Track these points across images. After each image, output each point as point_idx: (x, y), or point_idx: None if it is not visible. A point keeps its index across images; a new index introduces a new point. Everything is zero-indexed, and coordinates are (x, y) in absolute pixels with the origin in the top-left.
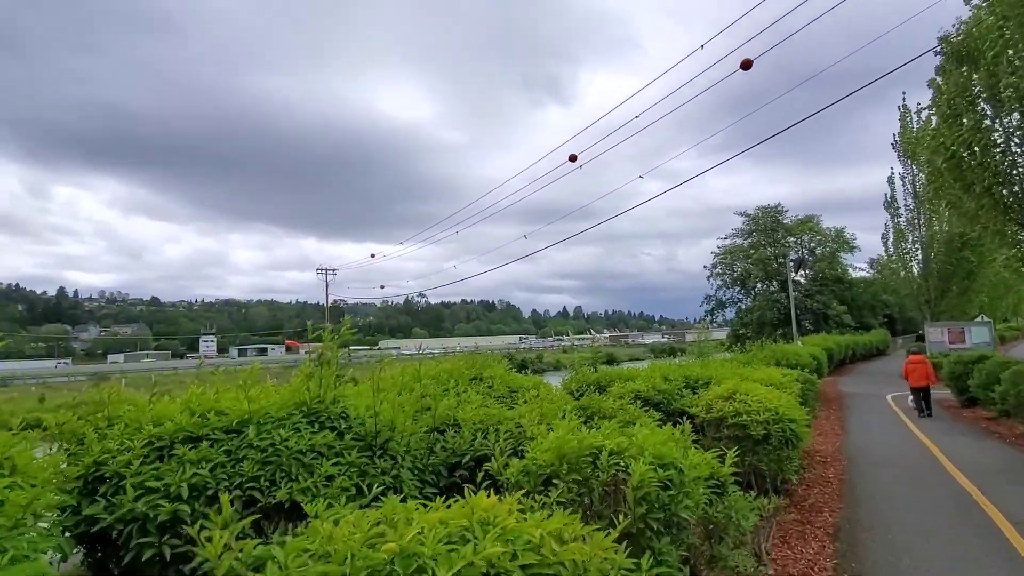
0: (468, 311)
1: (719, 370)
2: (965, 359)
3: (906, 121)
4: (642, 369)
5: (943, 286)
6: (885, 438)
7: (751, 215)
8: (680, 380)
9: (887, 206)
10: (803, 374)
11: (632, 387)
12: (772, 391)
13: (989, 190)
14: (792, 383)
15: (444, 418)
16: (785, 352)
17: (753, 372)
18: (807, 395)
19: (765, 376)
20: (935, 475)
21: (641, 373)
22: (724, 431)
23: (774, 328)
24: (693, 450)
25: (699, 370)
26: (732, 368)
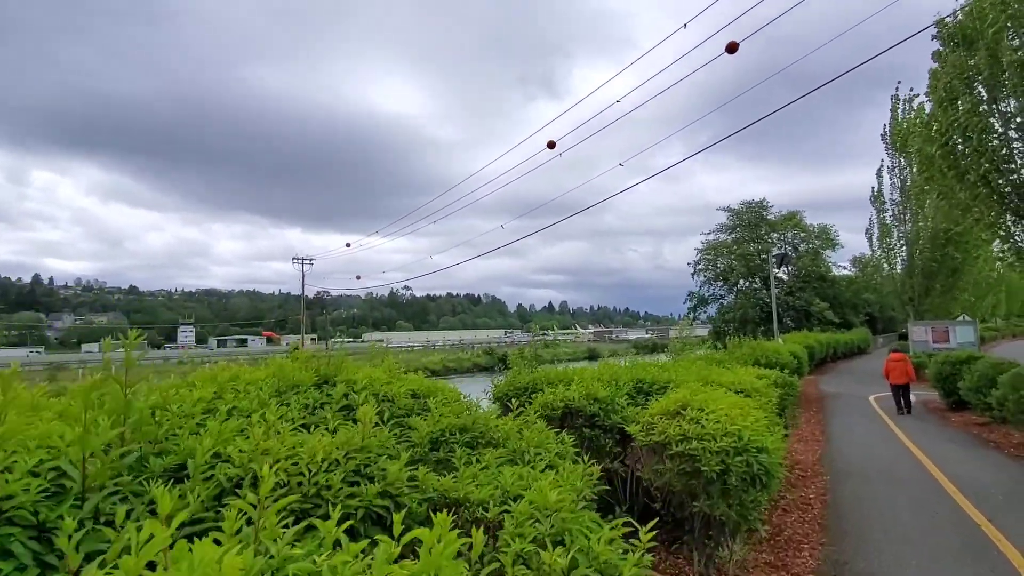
0: (453, 304)
1: (683, 371)
2: (953, 359)
3: (897, 112)
4: (588, 369)
5: (927, 284)
6: (871, 446)
7: (735, 210)
8: (629, 384)
9: (873, 200)
10: (783, 375)
11: (564, 394)
12: (740, 402)
13: (984, 178)
14: (769, 388)
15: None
16: (764, 350)
17: (722, 374)
18: (786, 401)
19: (735, 379)
20: (932, 496)
21: (585, 374)
22: (667, 463)
23: (756, 325)
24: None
25: (656, 371)
26: (699, 368)
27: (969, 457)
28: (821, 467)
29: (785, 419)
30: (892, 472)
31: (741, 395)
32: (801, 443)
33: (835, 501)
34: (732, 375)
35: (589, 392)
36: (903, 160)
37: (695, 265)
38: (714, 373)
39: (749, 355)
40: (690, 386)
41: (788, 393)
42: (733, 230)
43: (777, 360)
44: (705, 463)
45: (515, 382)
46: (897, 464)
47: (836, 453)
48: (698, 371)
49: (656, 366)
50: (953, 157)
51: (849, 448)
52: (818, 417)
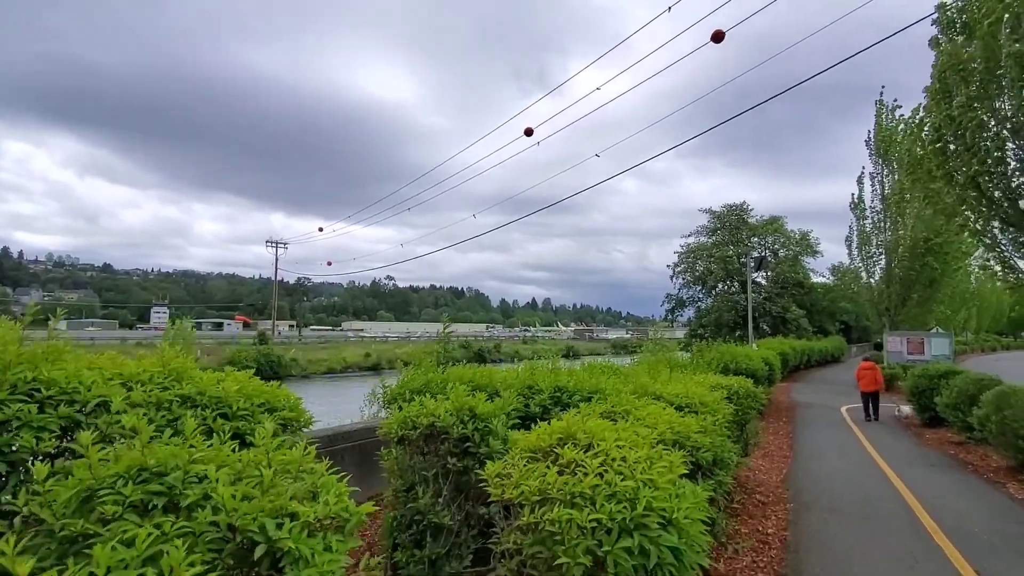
0: (436, 297)
1: (621, 379)
2: (931, 373)
3: (882, 117)
4: (502, 371)
5: (905, 294)
6: (841, 467)
7: (716, 212)
8: (547, 391)
9: (853, 207)
10: (745, 383)
11: (429, 409)
12: (675, 423)
13: (974, 180)
14: (721, 404)
15: None
16: (735, 355)
17: (667, 384)
18: (747, 416)
19: (683, 390)
20: (909, 536)
21: (496, 377)
22: (513, 536)
23: (731, 329)
24: None
25: (586, 377)
26: (642, 376)
27: (947, 484)
28: (785, 491)
29: (746, 435)
30: (864, 502)
31: (684, 412)
32: (766, 459)
33: (797, 540)
34: (680, 385)
35: (462, 406)
36: (886, 167)
37: (674, 267)
38: (659, 382)
39: (717, 360)
40: (619, 399)
41: (749, 406)
42: (714, 232)
43: (747, 367)
44: (567, 548)
45: (410, 384)
46: (869, 490)
47: (803, 473)
48: (639, 379)
49: (585, 372)
50: (943, 156)
51: (817, 467)
52: (787, 428)
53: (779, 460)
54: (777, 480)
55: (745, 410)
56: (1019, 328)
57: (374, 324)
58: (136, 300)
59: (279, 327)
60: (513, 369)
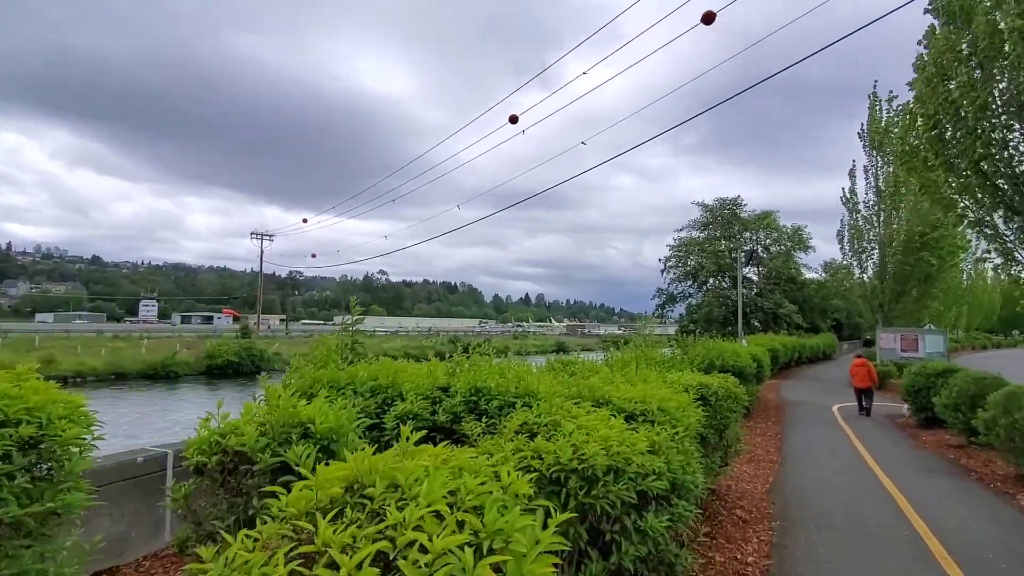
0: (429, 292)
1: (559, 380)
2: (928, 371)
3: (876, 110)
4: (419, 368)
5: (899, 289)
6: (833, 473)
7: (709, 206)
8: (462, 395)
9: (845, 202)
10: (725, 383)
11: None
12: (617, 440)
13: (977, 165)
14: (688, 410)
15: None
16: (722, 351)
17: (620, 387)
18: (725, 423)
19: (641, 393)
20: (918, 566)
21: (404, 376)
22: None
23: (722, 325)
24: None
25: (516, 378)
26: (591, 376)
27: (950, 494)
28: (770, 504)
29: (726, 441)
30: (859, 517)
31: (637, 422)
32: (751, 464)
33: (779, 568)
34: (638, 387)
35: (288, 419)
36: (880, 159)
37: (665, 261)
38: (616, 382)
39: (702, 356)
40: (551, 405)
41: (730, 409)
42: (706, 227)
43: (734, 364)
44: None
45: (303, 384)
46: (865, 503)
47: (791, 482)
48: (588, 379)
49: (500, 371)
50: (941, 143)
51: (808, 475)
52: (775, 429)
53: (765, 466)
54: (762, 490)
55: (724, 413)
56: (1009, 326)
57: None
58: (125, 293)
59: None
60: (432, 365)
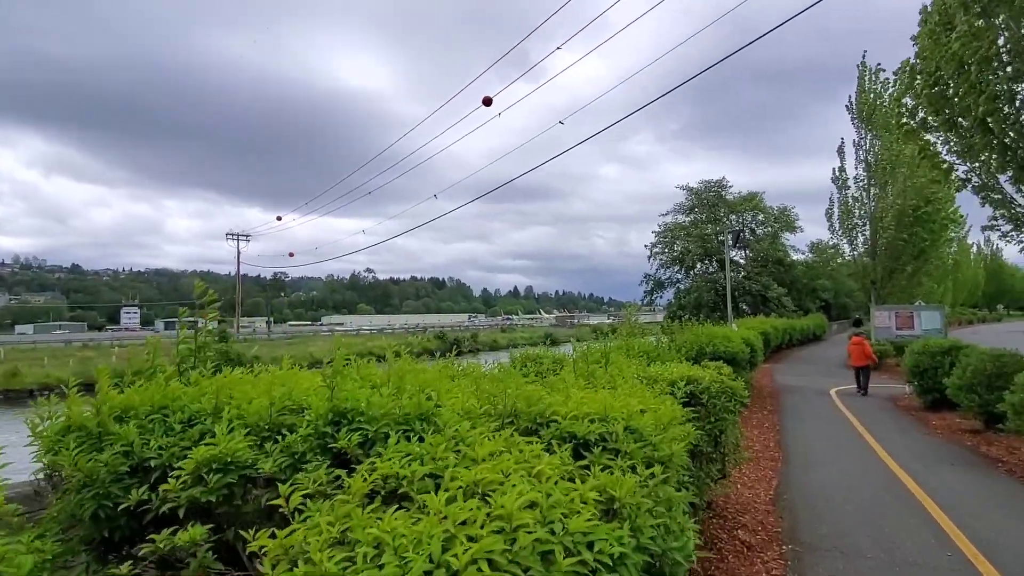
0: (417, 288)
1: (476, 388)
2: (932, 349)
3: (864, 81)
4: (300, 377)
5: (892, 265)
6: (845, 473)
7: (694, 189)
8: (314, 424)
9: (835, 179)
10: (721, 374)
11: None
12: (533, 512)
13: (983, 122)
14: (670, 431)
15: None
16: (712, 336)
17: (579, 393)
18: (722, 426)
19: (599, 407)
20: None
21: (244, 394)
22: None
23: (711, 310)
24: None
25: (434, 385)
26: (566, 373)
27: (986, 495)
28: (777, 519)
29: (723, 448)
30: (888, 536)
31: (593, 452)
32: (751, 463)
33: None
34: (599, 396)
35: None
36: (869, 133)
37: (652, 247)
38: (568, 388)
39: (691, 343)
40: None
41: (726, 409)
42: (691, 210)
43: (726, 350)
44: None
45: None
46: (890, 514)
47: (799, 487)
48: (525, 387)
49: (419, 377)
50: (944, 100)
51: (816, 476)
52: (773, 420)
53: (766, 466)
54: (766, 499)
55: (719, 415)
56: (993, 301)
57: (354, 318)
58: (106, 301)
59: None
60: (286, 374)
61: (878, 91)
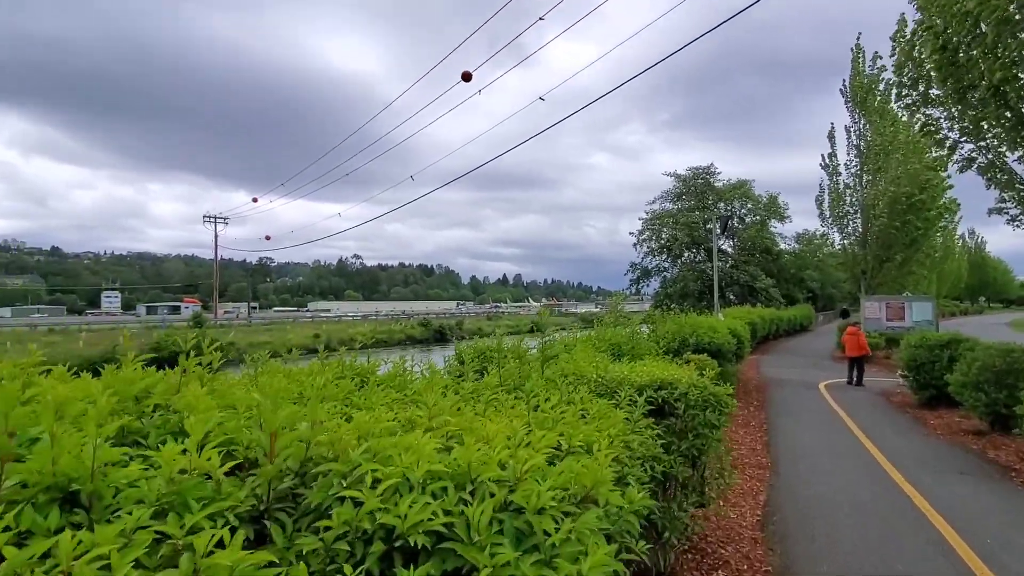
0: (406, 275)
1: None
2: (930, 342)
3: (859, 63)
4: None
5: (883, 255)
6: (844, 486)
7: (682, 176)
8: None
9: (825, 166)
10: (702, 377)
11: None
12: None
13: (997, 90)
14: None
15: None
16: (696, 326)
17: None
18: (701, 448)
19: (472, 457)
20: None
21: None
22: None
23: (697, 299)
24: None
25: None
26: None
27: (1004, 514)
28: (766, 552)
29: (700, 472)
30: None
31: None
32: (736, 471)
33: None
34: (495, 427)
35: None
36: (863, 117)
37: (639, 235)
38: (434, 423)
39: (673, 334)
40: None
41: (708, 422)
42: (679, 198)
43: (711, 341)
44: None
45: None
46: (903, 544)
47: (792, 506)
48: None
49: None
50: (952, 67)
51: (810, 490)
52: (760, 418)
53: (753, 476)
54: (752, 521)
55: (698, 429)
56: (975, 293)
57: (341, 304)
58: (86, 284)
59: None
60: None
61: (875, 76)
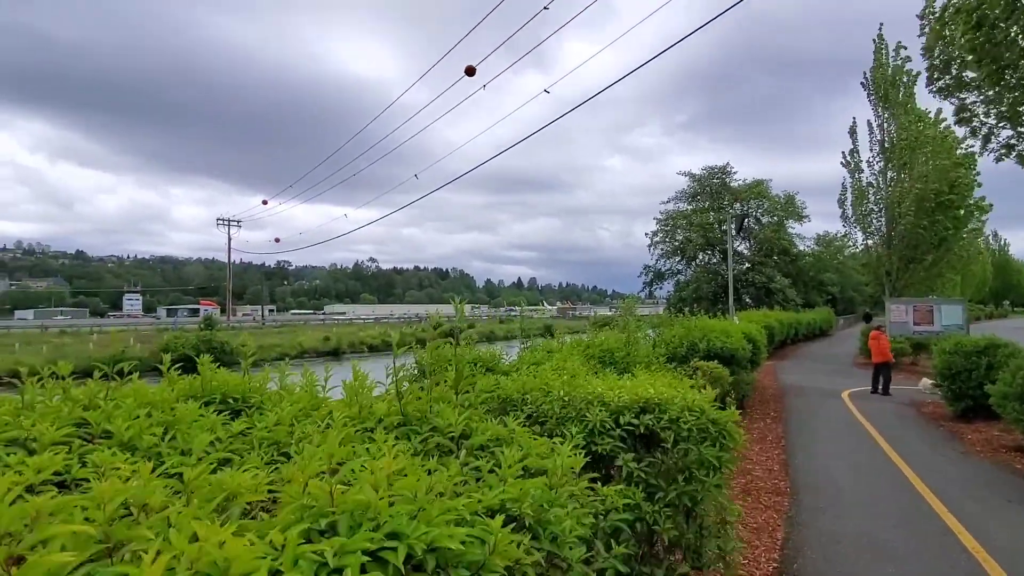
0: (421, 278)
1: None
2: (967, 348)
3: (882, 54)
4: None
5: (909, 255)
6: (876, 520)
7: (696, 176)
8: None
9: (846, 163)
10: (702, 396)
11: None
12: None
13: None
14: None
15: None
16: (707, 330)
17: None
18: (695, 495)
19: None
20: None
21: None
22: None
23: (712, 303)
24: None
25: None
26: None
27: None
28: None
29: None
30: None
31: None
32: (749, 505)
33: None
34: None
35: None
36: (886, 111)
37: (652, 236)
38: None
39: (681, 338)
40: None
41: (705, 462)
42: (694, 198)
43: (725, 345)
44: None
45: None
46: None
47: (816, 549)
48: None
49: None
50: (991, 46)
51: (839, 527)
52: (777, 432)
53: (769, 505)
54: (768, 570)
55: (691, 467)
56: (999, 297)
57: (356, 307)
58: (109, 287)
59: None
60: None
61: (899, 67)
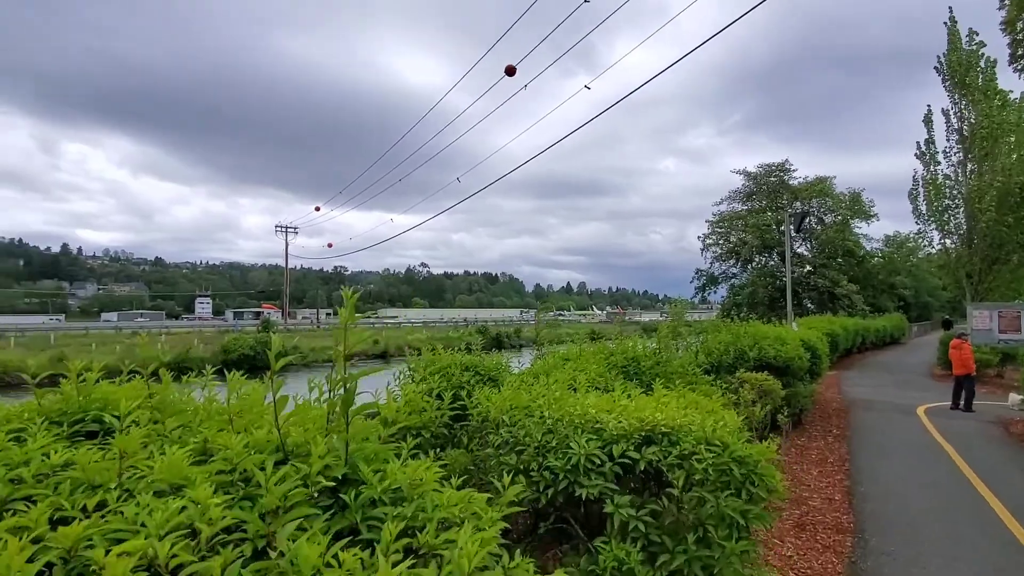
0: (470, 283)
1: None
2: None
3: (957, 37)
4: None
5: (993, 255)
6: (957, 559)
7: (752, 174)
8: None
9: (920, 155)
10: (727, 433)
11: None
12: None
13: None
14: None
15: None
16: (760, 337)
17: None
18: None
19: None
20: None
21: None
22: None
23: (768, 307)
24: None
25: None
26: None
27: None
28: None
29: None
30: None
31: None
32: (800, 544)
33: None
34: None
35: None
36: (963, 98)
37: (704, 239)
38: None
39: (728, 346)
40: None
41: (729, 520)
42: (749, 198)
43: (779, 354)
44: None
45: None
46: None
47: None
48: None
49: None
50: None
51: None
52: (840, 452)
53: (828, 546)
54: None
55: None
56: None
57: (407, 311)
58: (182, 291)
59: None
60: None
61: (974, 51)
